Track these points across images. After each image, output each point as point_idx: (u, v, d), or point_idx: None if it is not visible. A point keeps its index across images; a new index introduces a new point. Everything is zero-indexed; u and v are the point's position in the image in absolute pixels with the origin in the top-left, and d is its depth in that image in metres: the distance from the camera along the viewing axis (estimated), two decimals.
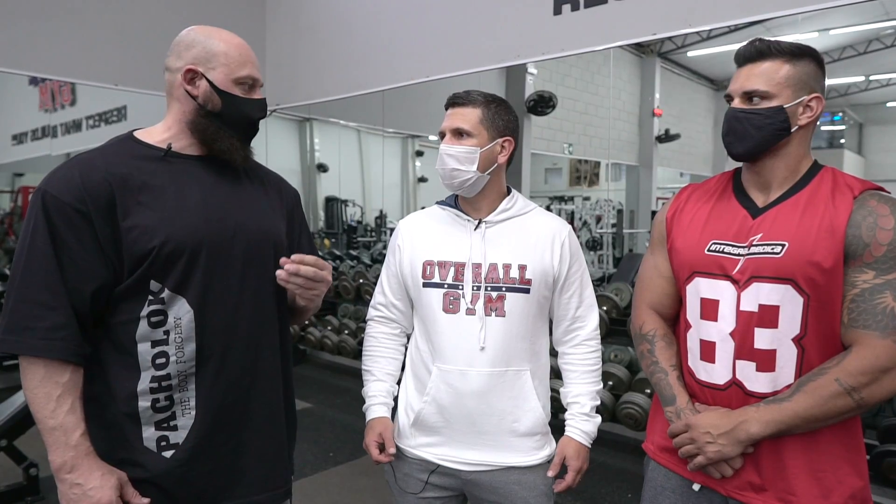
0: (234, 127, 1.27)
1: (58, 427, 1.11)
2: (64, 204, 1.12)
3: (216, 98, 1.24)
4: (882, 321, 1.13)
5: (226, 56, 1.24)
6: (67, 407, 1.12)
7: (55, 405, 1.11)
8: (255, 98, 1.29)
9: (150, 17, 3.35)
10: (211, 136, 1.25)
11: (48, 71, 3.26)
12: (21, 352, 1.11)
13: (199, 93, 1.24)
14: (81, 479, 1.11)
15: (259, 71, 1.29)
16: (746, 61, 1.26)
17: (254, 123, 1.30)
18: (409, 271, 1.52)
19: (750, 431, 1.18)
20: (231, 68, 1.24)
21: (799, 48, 1.22)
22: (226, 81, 1.24)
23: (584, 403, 1.53)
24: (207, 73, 1.23)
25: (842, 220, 1.16)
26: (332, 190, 12.87)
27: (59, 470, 1.12)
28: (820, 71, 1.25)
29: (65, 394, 1.12)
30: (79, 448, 1.12)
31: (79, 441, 1.12)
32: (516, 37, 2.84)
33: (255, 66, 1.28)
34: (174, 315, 1.18)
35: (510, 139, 1.49)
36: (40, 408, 1.11)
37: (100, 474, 1.13)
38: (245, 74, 1.25)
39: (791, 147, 1.25)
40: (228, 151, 1.26)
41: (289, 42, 3.89)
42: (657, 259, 1.42)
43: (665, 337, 1.39)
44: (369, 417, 1.56)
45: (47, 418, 1.11)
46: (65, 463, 1.11)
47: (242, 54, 1.26)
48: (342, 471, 3.60)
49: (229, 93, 1.24)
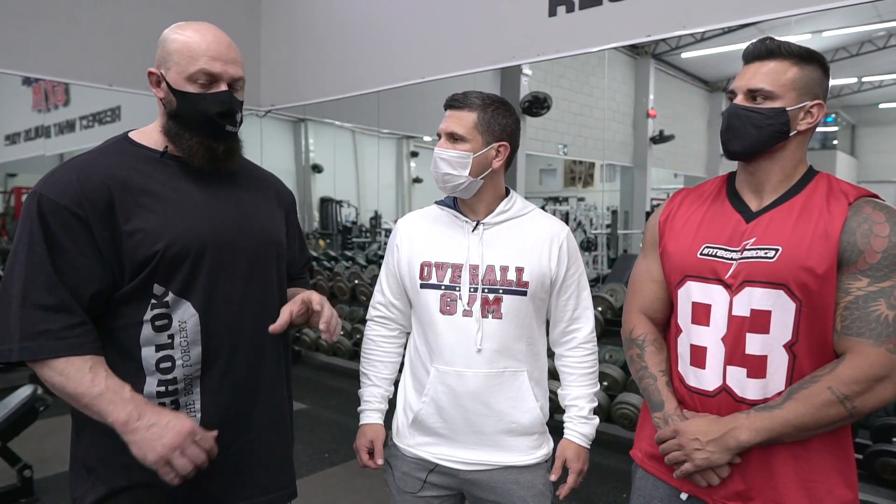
0: (191, 126, 1.20)
1: (106, 389, 1.08)
2: (61, 207, 1.10)
3: (172, 98, 1.19)
4: (876, 329, 1.11)
5: (178, 53, 1.17)
6: (105, 373, 1.09)
7: (92, 375, 1.08)
8: (211, 93, 1.19)
9: (144, 18, 3.34)
10: (173, 139, 1.21)
11: (42, 71, 3.25)
12: (44, 355, 1.07)
13: (162, 94, 1.21)
14: (155, 419, 1.08)
15: (225, 63, 1.19)
16: (755, 58, 1.23)
17: (211, 120, 1.19)
18: (406, 272, 1.52)
19: (739, 439, 1.16)
20: (182, 66, 1.17)
21: (808, 52, 1.20)
22: (178, 80, 1.18)
23: (583, 406, 1.53)
24: (166, 75, 1.19)
25: (836, 227, 1.15)
26: (327, 191, 12.85)
27: (126, 423, 1.07)
28: (825, 78, 1.23)
29: (95, 366, 1.09)
30: (136, 399, 1.09)
31: (132, 394, 1.09)
32: (511, 38, 2.84)
33: (214, 59, 1.18)
34: (179, 318, 1.17)
35: (506, 144, 1.47)
36: (78, 385, 1.07)
37: (167, 410, 1.11)
38: (195, 70, 1.17)
39: (787, 151, 1.23)
40: (189, 154, 1.21)
41: (284, 43, 3.88)
42: (649, 263, 1.41)
43: (655, 342, 1.37)
44: (362, 422, 1.58)
45: (90, 388, 1.07)
46: (130, 414, 1.07)
47: (200, 49, 1.17)
48: (338, 472, 3.59)
49: (182, 91, 1.18)
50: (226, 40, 1.21)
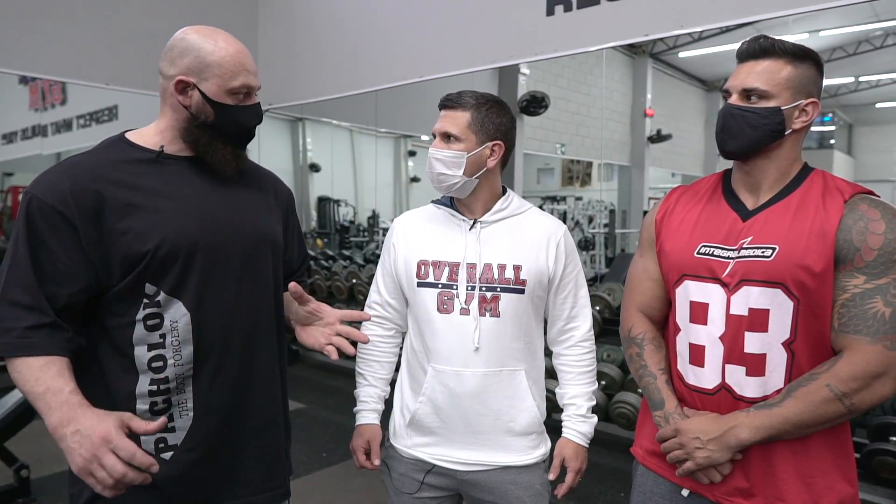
0: (227, 136, 1.24)
1: (46, 390, 1.05)
2: (46, 206, 1.11)
3: (209, 109, 1.20)
4: (873, 326, 1.12)
5: (219, 67, 1.19)
6: (53, 372, 1.07)
7: (38, 373, 1.06)
8: (249, 105, 1.25)
9: (142, 17, 3.33)
10: (203, 147, 1.23)
11: (39, 70, 3.24)
12: (3, 353, 1.08)
13: (191, 103, 1.21)
14: (81, 426, 1.03)
15: (255, 76, 1.25)
16: (749, 57, 1.23)
17: (249, 131, 1.27)
18: (403, 270, 1.52)
19: (740, 437, 1.17)
20: (224, 79, 1.19)
21: (802, 50, 1.20)
22: (219, 93, 1.20)
23: (581, 405, 1.53)
24: (200, 84, 1.19)
25: (832, 224, 1.15)
26: (325, 190, 12.84)
27: (55, 429, 1.04)
28: (819, 76, 1.23)
29: (47, 364, 1.07)
30: (70, 401, 1.05)
31: (69, 396, 1.06)
32: (509, 37, 2.85)
33: (250, 72, 1.23)
34: (170, 318, 1.17)
35: (500, 143, 1.46)
36: (25, 383, 1.06)
37: (94, 414, 1.05)
38: (239, 84, 1.21)
39: (783, 150, 1.23)
40: (221, 162, 1.24)
41: (281, 42, 3.88)
42: (646, 261, 1.41)
43: (654, 340, 1.37)
44: (358, 422, 1.58)
45: (34, 387, 1.06)
46: (61, 419, 1.04)
47: (237, 62, 1.21)
48: (335, 471, 3.59)
49: (222, 103, 1.20)
50: (248, 51, 1.25)
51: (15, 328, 1.08)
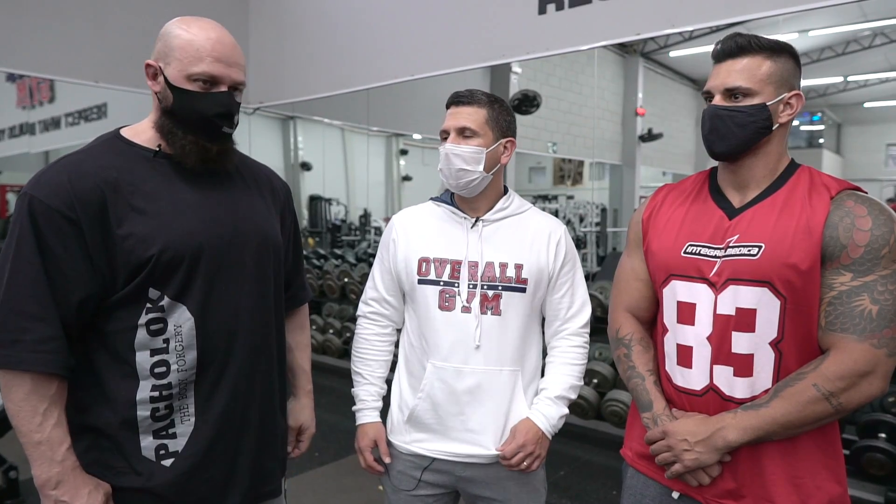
0: (186, 125, 1.17)
1: (44, 441, 1.06)
2: (52, 210, 1.07)
3: (169, 94, 1.16)
4: (860, 324, 1.11)
5: (181, 51, 1.14)
6: (54, 420, 1.07)
7: (41, 419, 1.06)
8: (212, 92, 1.16)
9: (131, 13, 3.31)
10: (166, 136, 1.18)
11: (26, 67, 3.21)
12: (10, 366, 1.05)
13: (159, 88, 1.18)
14: (67, 497, 1.07)
15: (233, 68, 1.18)
16: (727, 56, 1.21)
17: (209, 120, 1.17)
18: (403, 267, 1.51)
19: (727, 438, 1.16)
20: (184, 63, 1.14)
21: (778, 44, 1.20)
22: (178, 77, 1.15)
23: (553, 389, 1.49)
24: (165, 69, 1.16)
25: (819, 221, 1.14)
26: (316, 188, 12.79)
27: (43, 485, 1.07)
28: (797, 68, 1.22)
29: (51, 407, 1.07)
30: (65, 463, 1.07)
31: (65, 455, 1.07)
32: (501, 36, 2.85)
33: (220, 62, 1.15)
34: (174, 323, 1.15)
35: (512, 140, 1.49)
36: (25, 422, 1.06)
37: (86, 491, 1.08)
38: (199, 71, 1.14)
39: (771, 146, 1.22)
40: (181, 153, 1.18)
41: (272, 40, 3.86)
42: (633, 261, 1.40)
43: (642, 341, 1.36)
44: (361, 421, 1.56)
45: (33, 433, 1.06)
46: (50, 479, 1.06)
47: (203, 48, 1.14)
48: (328, 471, 3.58)
49: (181, 88, 1.15)
50: (231, 42, 1.18)
51: (24, 340, 1.05)
